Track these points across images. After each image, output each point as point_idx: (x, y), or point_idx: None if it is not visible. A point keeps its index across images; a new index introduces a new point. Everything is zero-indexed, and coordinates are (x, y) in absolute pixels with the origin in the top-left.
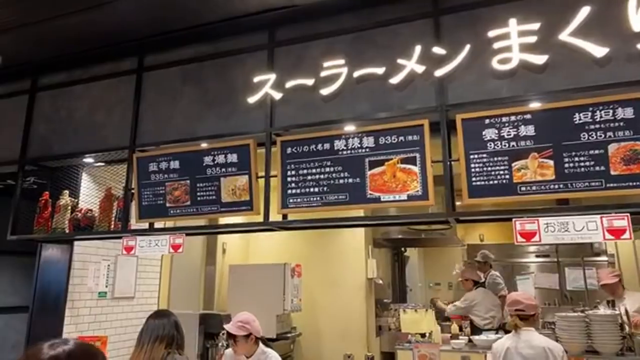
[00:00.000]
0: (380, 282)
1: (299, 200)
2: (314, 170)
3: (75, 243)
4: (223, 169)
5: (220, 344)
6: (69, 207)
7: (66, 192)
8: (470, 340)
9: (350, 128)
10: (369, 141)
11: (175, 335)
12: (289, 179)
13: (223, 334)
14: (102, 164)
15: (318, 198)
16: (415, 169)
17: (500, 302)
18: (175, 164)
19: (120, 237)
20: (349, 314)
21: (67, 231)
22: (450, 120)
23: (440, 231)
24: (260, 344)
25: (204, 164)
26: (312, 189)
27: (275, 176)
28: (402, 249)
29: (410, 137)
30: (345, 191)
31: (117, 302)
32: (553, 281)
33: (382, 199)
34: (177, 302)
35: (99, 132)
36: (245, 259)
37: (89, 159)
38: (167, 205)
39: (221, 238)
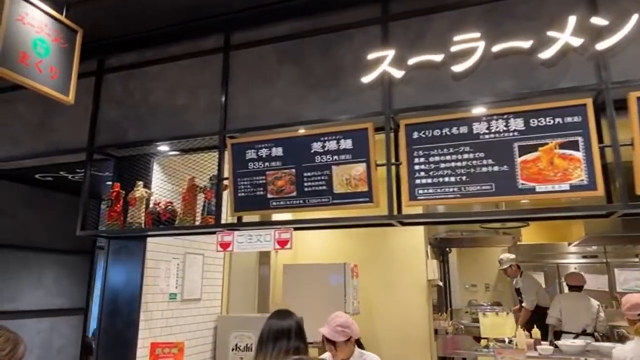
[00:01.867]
0: (441, 284)
1: (430, 190)
2: (448, 157)
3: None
4: (335, 157)
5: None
6: (145, 200)
7: (140, 183)
8: (555, 346)
9: (482, 110)
10: (517, 123)
11: (300, 344)
12: (416, 167)
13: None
14: (177, 152)
15: (455, 189)
16: (578, 154)
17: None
18: (277, 151)
19: (211, 233)
20: (409, 318)
21: (144, 226)
22: (616, 100)
23: (492, 229)
24: (356, 347)
25: (312, 151)
26: (447, 179)
27: (400, 164)
28: (447, 249)
29: (569, 119)
30: (490, 181)
31: (185, 304)
32: (602, 282)
33: (537, 190)
34: (235, 305)
35: (181, 117)
36: (293, 259)
37: (163, 147)
38: (269, 196)
39: None
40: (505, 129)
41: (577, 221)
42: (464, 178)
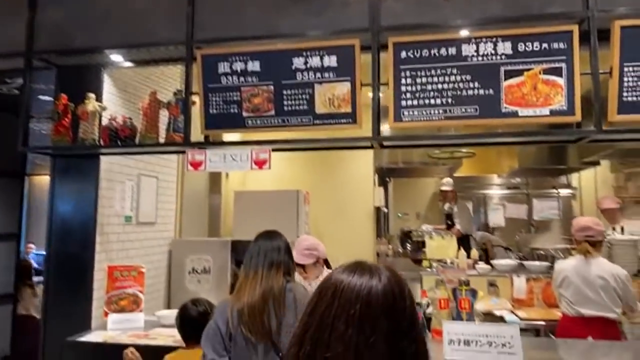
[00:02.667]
0: (386, 210)
1: (416, 113)
2: (435, 79)
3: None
4: (318, 74)
5: None
6: (98, 115)
7: (92, 95)
8: (491, 266)
9: (472, 32)
10: (505, 47)
11: (289, 261)
12: (403, 87)
13: None
14: (132, 64)
15: (440, 111)
16: (561, 81)
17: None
18: (254, 65)
19: (178, 152)
20: (355, 242)
21: (100, 143)
22: (600, 30)
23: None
24: (324, 267)
25: (293, 67)
26: (432, 100)
27: (385, 84)
28: (387, 178)
29: (555, 45)
30: (474, 104)
31: (141, 227)
32: (522, 212)
33: (519, 114)
34: (186, 230)
35: (139, 22)
36: (243, 185)
37: (117, 57)
38: (244, 114)
39: None
40: (493, 52)
41: (509, 155)
42: (449, 100)
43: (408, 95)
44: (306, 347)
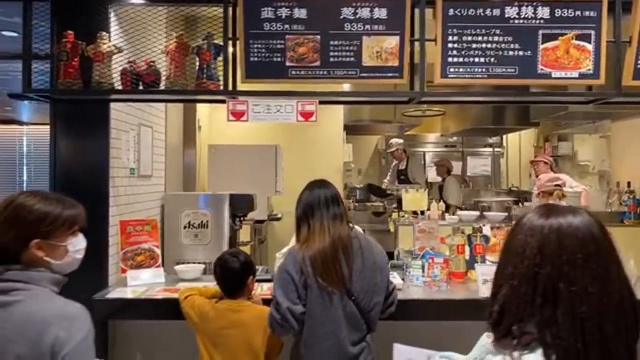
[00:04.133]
0: (353, 166)
1: (461, 70)
2: (480, 38)
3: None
4: (367, 26)
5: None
6: (112, 57)
7: (105, 34)
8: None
9: None
10: (544, 12)
11: (343, 210)
12: (449, 45)
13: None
14: (143, 1)
15: (483, 69)
16: (589, 46)
17: None
18: (301, 13)
19: (216, 101)
20: None
21: (119, 87)
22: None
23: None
24: None
25: (342, 17)
26: (477, 59)
27: (432, 40)
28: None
29: (587, 13)
30: (514, 64)
31: (142, 180)
32: (457, 168)
33: (553, 75)
34: (169, 184)
35: None
36: (211, 139)
37: None
38: (288, 63)
39: (198, 115)
40: (532, 16)
41: (455, 114)
42: (492, 60)
43: (454, 52)
44: (541, 286)
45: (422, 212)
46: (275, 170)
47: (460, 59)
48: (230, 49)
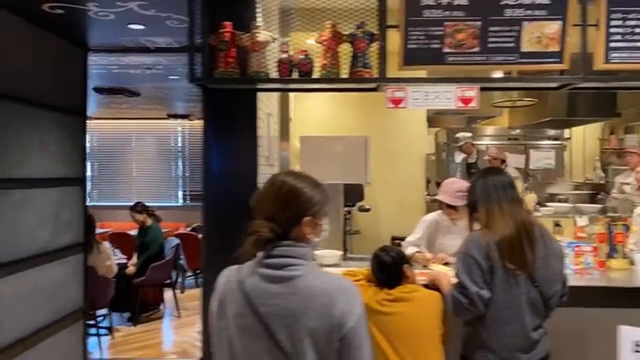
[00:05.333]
0: (433, 158)
1: (624, 54)
2: None
3: None
4: (528, 11)
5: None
6: (267, 47)
7: (259, 24)
8: None
9: None
10: None
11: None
12: (612, 29)
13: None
14: None
15: None
16: None
17: None
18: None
19: (367, 89)
20: (407, 189)
21: (276, 76)
22: None
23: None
24: None
25: (502, 3)
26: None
27: (594, 25)
28: None
29: None
30: None
31: (270, 169)
32: (520, 161)
33: None
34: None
35: None
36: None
37: None
38: (445, 50)
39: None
40: None
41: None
42: None
43: (617, 37)
44: None
45: None
46: (365, 162)
47: (624, 44)
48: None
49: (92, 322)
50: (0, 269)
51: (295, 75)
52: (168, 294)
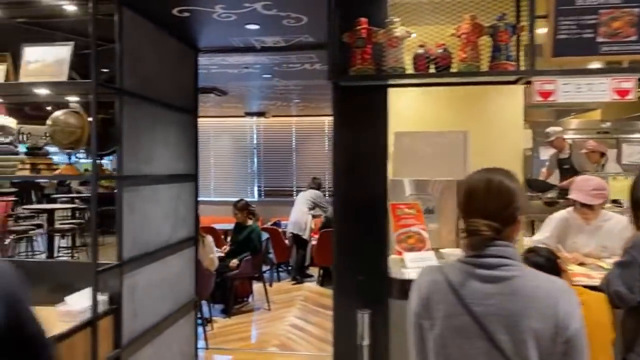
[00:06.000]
0: (530, 154)
1: None
2: None
3: None
4: None
5: None
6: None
7: (396, 19)
8: None
9: None
10: None
11: None
12: None
13: None
14: None
15: None
16: None
17: None
18: None
19: (508, 82)
20: None
21: (411, 71)
22: None
23: None
24: None
25: None
26: None
27: None
28: None
29: None
30: None
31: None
32: (612, 156)
33: None
34: None
35: None
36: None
37: None
38: (599, 39)
39: None
40: None
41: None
42: None
43: None
44: None
45: (615, 201)
46: (464, 157)
47: None
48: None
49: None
50: (135, 261)
51: (431, 70)
52: (255, 286)
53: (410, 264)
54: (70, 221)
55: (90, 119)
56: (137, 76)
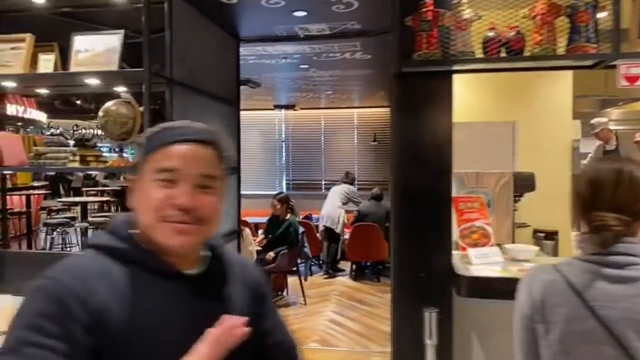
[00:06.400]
0: (577, 146)
1: None
2: None
3: None
4: None
5: None
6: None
7: (464, 1)
8: None
9: None
10: None
11: None
12: None
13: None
14: None
15: None
16: None
17: None
18: None
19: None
20: (550, 179)
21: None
22: None
23: None
24: None
25: None
26: None
27: None
28: None
29: None
30: None
31: None
32: None
33: None
34: None
35: None
36: None
37: None
38: None
39: None
40: None
41: None
42: None
43: None
44: None
45: None
46: (513, 149)
47: None
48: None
49: None
50: None
51: (502, 54)
52: (289, 280)
53: (475, 260)
54: (102, 214)
55: (141, 109)
56: (185, 66)
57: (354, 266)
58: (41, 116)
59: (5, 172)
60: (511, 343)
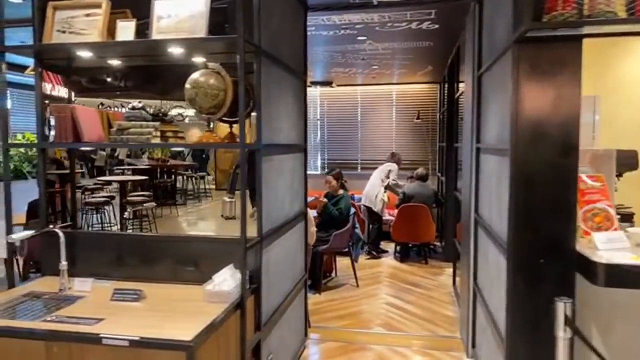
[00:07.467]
0: None
1: None
2: None
3: None
4: None
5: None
6: None
7: None
8: None
9: None
10: None
11: None
12: None
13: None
14: None
15: None
16: None
17: None
18: None
19: None
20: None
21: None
22: None
23: None
24: None
25: None
26: None
27: None
28: None
29: None
30: None
31: None
32: None
33: None
34: None
35: None
36: None
37: None
38: None
39: None
40: None
41: None
42: None
43: None
44: None
45: None
46: (594, 123)
47: None
48: None
49: None
50: (270, 236)
51: None
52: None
53: (601, 246)
54: (139, 193)
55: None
56: (268, 34)
57: (397, 247)
58: (66, 93)
59: (85, 147)
60: None
